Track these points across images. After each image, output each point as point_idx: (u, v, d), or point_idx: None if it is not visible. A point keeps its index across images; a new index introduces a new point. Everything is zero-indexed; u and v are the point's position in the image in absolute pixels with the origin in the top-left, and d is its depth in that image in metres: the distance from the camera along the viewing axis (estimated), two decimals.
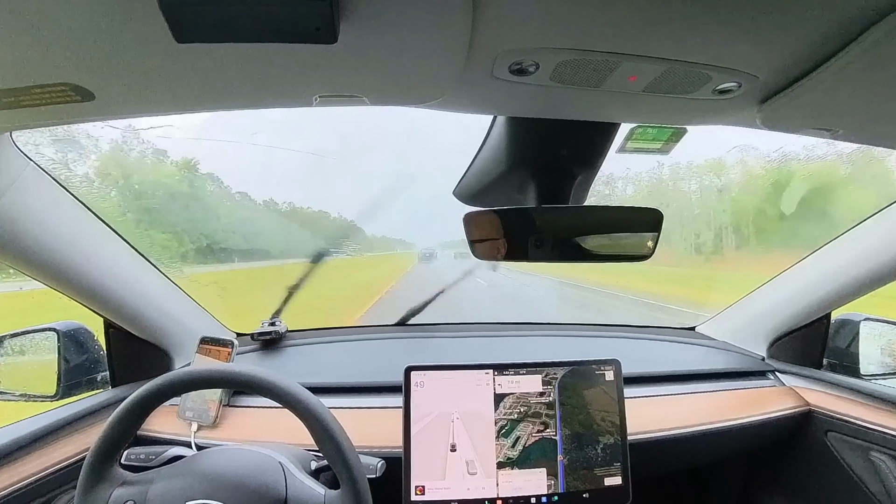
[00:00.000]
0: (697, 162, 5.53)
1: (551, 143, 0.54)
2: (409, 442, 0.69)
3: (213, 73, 0.35)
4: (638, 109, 0.45)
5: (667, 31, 0.32)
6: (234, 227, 5.38)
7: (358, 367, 0.91)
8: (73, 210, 0.63)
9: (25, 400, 0.73)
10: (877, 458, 0.77)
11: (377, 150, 8.91)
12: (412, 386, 0.71)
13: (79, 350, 0.77)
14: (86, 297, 0.70)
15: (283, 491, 0.49)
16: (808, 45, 0.33)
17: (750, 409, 0.86)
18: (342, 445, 0.48)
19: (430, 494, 0.68)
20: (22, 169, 0.54)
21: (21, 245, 0.57)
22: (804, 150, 2.42)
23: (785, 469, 0.95)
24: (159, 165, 3.31)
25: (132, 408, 0.49)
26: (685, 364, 0.96)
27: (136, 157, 2.77)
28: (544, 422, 0.72)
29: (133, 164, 2.61)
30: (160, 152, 3.22)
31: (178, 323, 0.85)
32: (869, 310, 0.89)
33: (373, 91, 0.39)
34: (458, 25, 0.30)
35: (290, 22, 0.27)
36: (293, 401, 0.49)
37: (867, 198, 1.20)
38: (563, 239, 0.54)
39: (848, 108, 0.42)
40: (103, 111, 0.41)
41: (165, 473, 0.50)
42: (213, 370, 0.52)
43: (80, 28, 0.29)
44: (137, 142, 2.59)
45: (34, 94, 0.37)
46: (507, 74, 0.36)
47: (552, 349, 1.04)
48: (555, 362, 0.75)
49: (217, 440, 0.71)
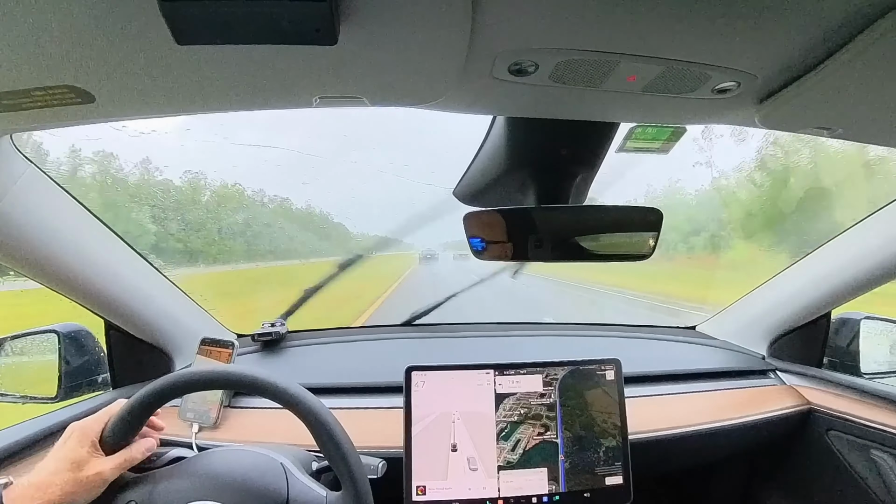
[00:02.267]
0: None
1: (551, 143, 0.54)
2: (410, 442, 0.69)
3: (214, 75, 0.35)
4: (637, 109, 0.45)
5: (665, 31, 0.32)
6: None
7: (358, 368, 0.91)
8: (73, 212, 0.63)
9: (26, 402, 0.73)
10: (877, 457, 0.77)
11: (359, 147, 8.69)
12: (413, 386, 0.71)
13: (79, 352, 0.77)
14: (86, 299, 0.70)
15: (285, 492, 0.49)
16: (806, 44, 0.33)
17: (751, 408, 0.86)
18: (343, 446, 0.48)
19: (431, 494, 0.68)
20: (22, 171, 0.54)
21: (21, 247, 0.57)
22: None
23: (786, 468, 0.95)
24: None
25: (133, 409, 0.49)
26: (686, 363, 0.96)
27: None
28: (545, 424, 0.72)
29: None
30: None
31: (179, 324, 0.85)
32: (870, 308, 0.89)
33: (372, 92, 0.39)
34: (457, 26, 0.30)
35: (289, 23, 0.27)
36: (294, 402, 0.49)
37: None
38: (563, 238, 0.54)
39: (847, 107, 0.42)
40: (103, 113, 0.41)
41: (167, 474, 0.50)
42: (214, 371, 0.52)
43: (80, 30, 0.29)
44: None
45: (34, 97, 0.37)
46: (507, 75, 0.36)
47: (552, 349, 1.04)
48: (555, 362, 0.75)
49: (218, 441, 0.71)
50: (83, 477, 0.45)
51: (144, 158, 2.25)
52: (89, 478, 0.45)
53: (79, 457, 0.46)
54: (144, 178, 2.34)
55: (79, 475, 0.45)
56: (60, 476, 0.44)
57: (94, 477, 0.45)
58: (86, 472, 0.45)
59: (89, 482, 0.45)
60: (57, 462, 0.45)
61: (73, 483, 0.44)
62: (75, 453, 0.46)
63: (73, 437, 0.47)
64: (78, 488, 0.44)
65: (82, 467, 0.45)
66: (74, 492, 0.44)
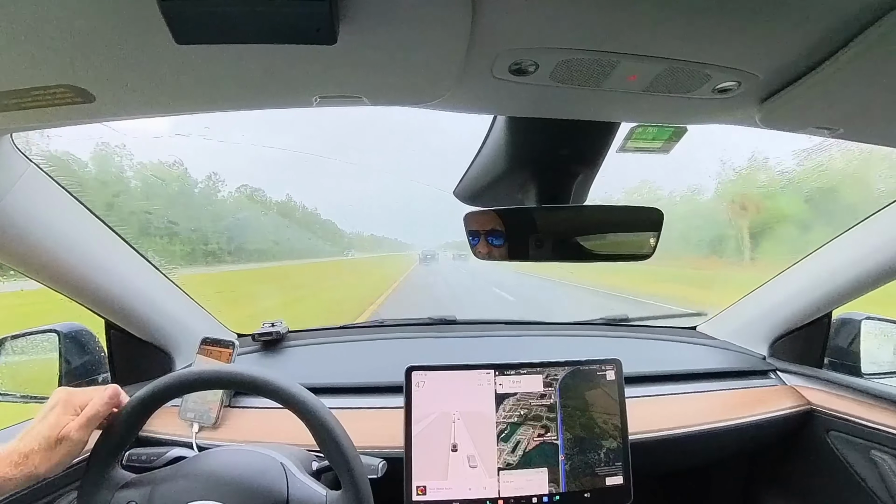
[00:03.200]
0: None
1: (551, 143, 0.54)
2: (411, 442, 0.69)
3: (213, 75, 0.35)
4: (638, 109, 0.45)
5: (666, 31, 0.32)
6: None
7: (358, 368, 0.91)
8: (73, 212, 0.63)
9: (27, 401, 0.73)
10: (878, 457, 0.77)
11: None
12: (413, 386, 0.71)
13: (80, 351, 0.77)
14: (87, 299, 0.70)
15: (285, 492, 0.49)
16: (807, 43, 0.33)
17: (751, 408, 0.86)
18: (343, 446, 0.48)
19: (431, 494, 0.68)
20: (23, 171, 0.54)
21: (22, 246, 0.57)
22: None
23: (786, 468, 0.95)
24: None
25: (134, 409, 0.49)
26: (687, 363, 0.96)
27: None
28: (545, 425, 0.72)
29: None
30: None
31: (179, 324, 0.85)
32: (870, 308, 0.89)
33: (372, 91, 0.39)
34: (457, 26, 0.30)
35: (289, 23, 0.27)
36: (294, 401, 0.49)
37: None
38: (564, 238, 0.54)
39: (848, 107, 0.42)
40: (103, 113, 0.41)
41: (167, 474, 0.51)
42: (215, 371, 0.52)
43: (80, 30, 0.29)
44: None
45: (35, 96, 0.37)
46: (507, 74, 0.36)
47: (553, 349, 1.04)
48: (556, 362, 0.75)
49: (218, 441, 0.71)
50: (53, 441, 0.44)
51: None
52: (59, 439, 0.44)
53: (62, 423, 0.45)
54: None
55: (50, 433, 0.44)
56: (42, 443, 0.43)
57: (61, 438, 0.44)
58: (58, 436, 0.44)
59: (60, 446, 0.44)
60: (40, 428, 0.44)
61: (52, 450, 0.44)
62: (59, 420, 0.45)
63: (59, 404, 0.46)
64: (55, 455, 0.44)
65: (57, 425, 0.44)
66: (50, 457, 0.44)
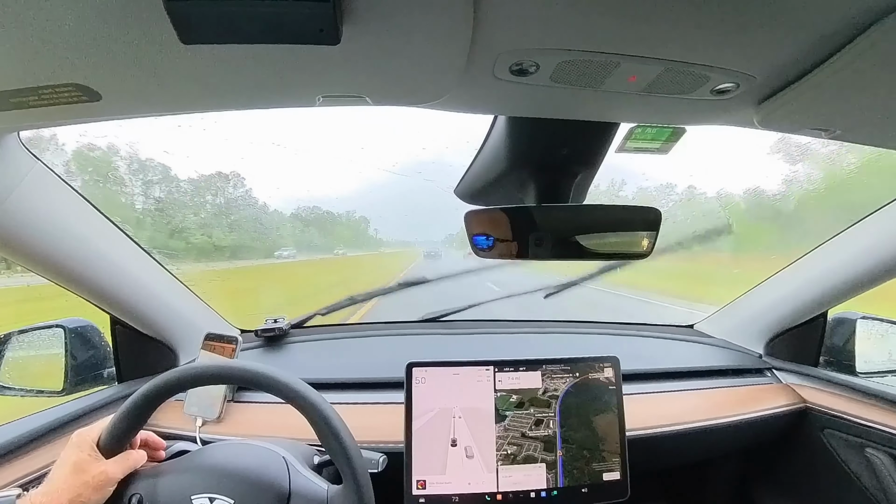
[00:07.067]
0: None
1: (551, 143, 0.54)
2: (411, 437, 0.70)
3: (218, 74, 0.35)
4: (637, 109, 0.45)
5: (666, 32, 0.32)
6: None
7: (360, 364, 0.91)
8: (79, 209, 0.63)
9: (33, 395, 0.74)
10: (872, 455, 0.78)
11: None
12: (413, 382, 0.72)
13: (85, 346, 0.78)
14: (92, 295, 0.71)
15: (287, 485, 0.50)
16: (805, 45, 0.33)
17: (747, 406, 0.86)
18: (344, 441, 0.49)
19: (430, 489, 0.69)
20: (30, 168, 0.54)
21: (29, 243, 0.57)
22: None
23: (781, 465, 0.95)
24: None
25: (138, 403, 0.50)
26: (683, 361, 0.96)
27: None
28: (544, 421, 0.73)
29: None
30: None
31: (183, 320, 0.86)
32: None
33: (375, 91, 0.39)
34: (459, 26, 0.30)
35: (293, 23, 0.28)
36: (296, 397, 0.49)
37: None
38: (563, 237, 0.55)
39: (846, 109, 0.42)
40: (110, 111, 0.41)
41: (171, 468, 0.51)
42: (218, 366, 0.52)
43: (86, 29, 0.29)
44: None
45: (41, 95, 0.37)
46: (508, 75, 0.37)
47: (552, 346, 1.05)
48: (554, 359, 0.75)
49: (222, 435, 0.72)
50: (88, 479, 0.46)
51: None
52: (95, 478, 0.46)
53: (79, 460, 0.47)
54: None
55: (84, 478, 0.46)
56: (66, 481, 0.45)
57: (98, 476, 0.47)
58: (90, 473, 0.46)
59: (96, 483, 0.46)
60: (61, 469, 0.46)
61: (79, 486, 0.45)
62: (76, 457, 0.47)
63: (71, 442, 0.49)
64: (85, 490, 0.45)
65: (85, 469, 0.46)
66: (82, 494, 0.45)
